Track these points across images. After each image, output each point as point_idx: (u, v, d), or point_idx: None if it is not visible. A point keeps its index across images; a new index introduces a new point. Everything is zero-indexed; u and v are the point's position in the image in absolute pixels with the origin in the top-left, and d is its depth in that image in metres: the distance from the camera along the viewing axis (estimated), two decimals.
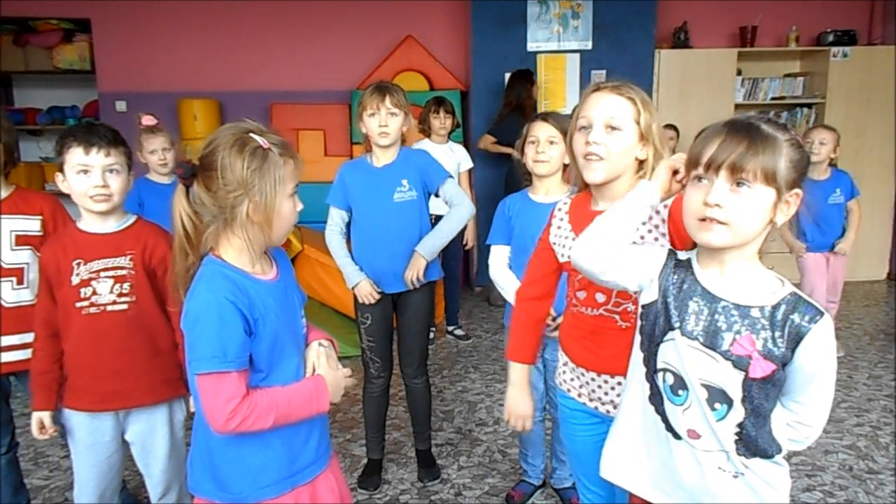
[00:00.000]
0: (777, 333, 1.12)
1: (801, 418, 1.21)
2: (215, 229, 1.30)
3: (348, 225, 2.50)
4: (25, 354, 2.05)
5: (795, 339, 1.12)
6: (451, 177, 2.46)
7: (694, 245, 1.25)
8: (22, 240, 2.04)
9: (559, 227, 1.63)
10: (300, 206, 1.35)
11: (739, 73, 5.60)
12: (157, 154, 3.07)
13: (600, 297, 1.53)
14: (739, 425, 1.17)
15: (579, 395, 1.63)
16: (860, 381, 3.62)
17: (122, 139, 1.79)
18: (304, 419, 1.34)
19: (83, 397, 1.81)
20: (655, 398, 1.26)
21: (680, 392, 1.20)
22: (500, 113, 4.86)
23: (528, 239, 2.12)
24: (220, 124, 6.07)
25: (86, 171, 1.71)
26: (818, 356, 1.14)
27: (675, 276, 1.23)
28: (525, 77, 4.80)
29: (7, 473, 2.17)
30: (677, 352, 1.19)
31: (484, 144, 4.82)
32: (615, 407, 1.55)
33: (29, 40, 5.80)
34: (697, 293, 1.19)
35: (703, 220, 1.12)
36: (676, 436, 1.22)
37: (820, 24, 5.66)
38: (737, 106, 5.59)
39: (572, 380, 1.64)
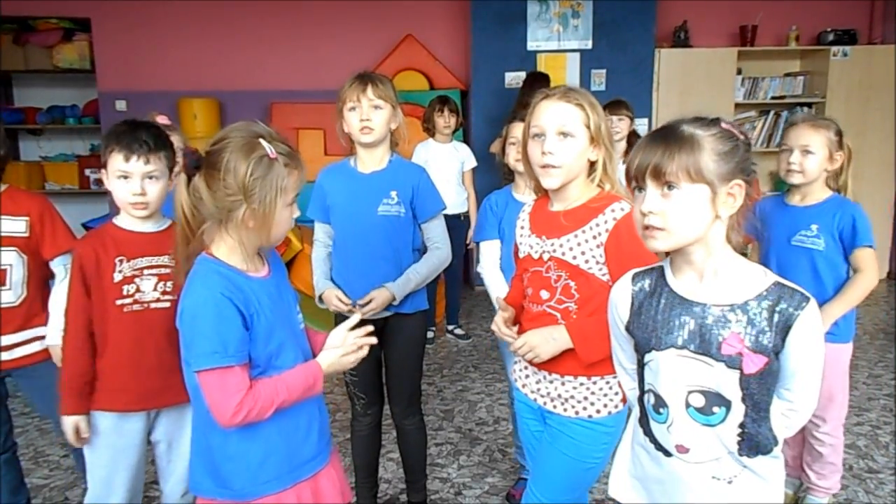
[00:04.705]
0: (765, 325, 1.13)
1: (794, 405, 1.22)
2: (210, 225, 1.31)
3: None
4: (10, 355, 2.04)
5: (784, 327, 1.13)
6: (444, 210, 2.18)
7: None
8: (6, 241, 2.00)
9: (522, 228, 1.70)
10: (297, 214, 1.36)
11: (739, 72, 5.60)
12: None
13: (544, 294, 1.59)
14: (741, 425, 1.17)
15: (524, 387, 1.69)
16: (860, 380, 3.62)
17: (164, 142, 1.75)
18: (300, 400, 1.34)
19: (119, 397, 1.76)
20: (643, 419, 1.28)
21: (661, 410, 1.22)
22: (513, 112, 4.78)
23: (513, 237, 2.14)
24: (220, 124, 6.07)
25: (126, 178, 1.70)
26: (808, 342, 1.14)
27: (649, 298, 1.24)
28: (543, 80, 4.77)
29: (6, 473, 2.16)
30: (656, 371, 1.21)
31: (497, 149, 4.78)
32: (551, 400, 1.61)
33: (29, 39, 5.80)
34: (676, 303, 1.20)
35: (646, 228, 1.15)
36: (667, 453, 1.23)
37: (820, 24, 5.66)
38: (737, 105, 5.59)
39: (521, 370, 1.71)
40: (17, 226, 2.02)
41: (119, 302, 1.73)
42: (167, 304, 1.75)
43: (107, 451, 1.78)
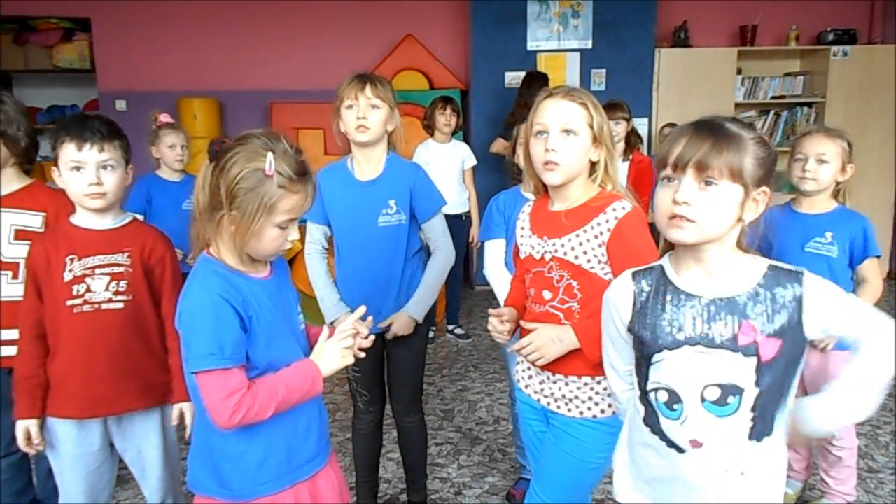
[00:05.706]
0: (774, 308, 1.14)
1: (865, 337, 1.15)
2: (203, 216, 1.31)
3: (331, 241, 2.17)
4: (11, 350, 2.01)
5: (797, 307, 1.14)
6: (444, 206, 2.17)
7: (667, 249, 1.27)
8: (21, 234, 1.97)
9: (522, 228, 1.70)
10: (294, 236, 1.33)
11: (739, 72, 5.60)
12: (177, 149, 3.09)
13: (547, 294, 1.59)
14: (753, 409, 1.17)
15: (526, 387, 1.69)
16: None
17: (118, 132, 1.70)
18: (300, 402, 1.33)
19: (70, 403, 1.69)
20: (651, 419, 1.26)
21: (675, 406, 1.21)
22: (512, 113, 4.75)
23: None
24: (220, 124, 6.04)
25: (79, 168, 1.63)
26: (827, 298, 1.15)
27: (653, 297, 1.24)
28: (541, 80, 4.76)
29: (8, 476, 2.12)
30: (669, 369, 1.20)
31: (497, 149, 4.78)
32: (555, 401, 1.60)
33: (29, 39, 5.81)
34: (683, 299, 1.20)
35: (673, 217, 1.15)
36: (679, 449, 1.22)
37: (820, 23, 5.66)
38: (737, 105, 5.59)
39: (523, 371, 1.70)
40: (33, 220, 1.99)
41: (69, 303, 1.67)
42: (120, 305, 1.70)
43: (64, 460, 1.74)
